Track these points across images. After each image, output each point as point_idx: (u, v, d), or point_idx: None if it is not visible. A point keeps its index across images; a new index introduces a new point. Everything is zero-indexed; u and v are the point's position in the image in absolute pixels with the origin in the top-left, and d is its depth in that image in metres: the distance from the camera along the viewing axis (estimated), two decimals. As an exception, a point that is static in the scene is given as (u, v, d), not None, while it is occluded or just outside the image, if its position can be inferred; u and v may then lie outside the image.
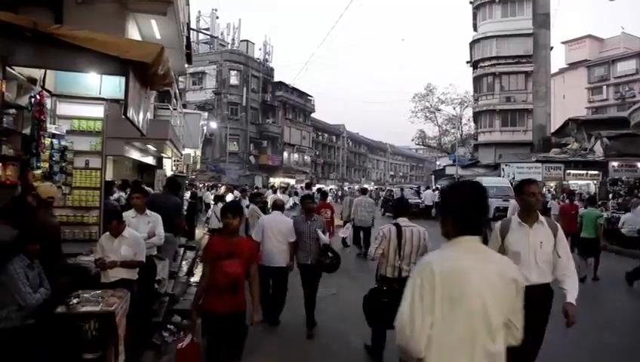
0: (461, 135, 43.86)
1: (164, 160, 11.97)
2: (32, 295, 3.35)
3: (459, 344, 1.64)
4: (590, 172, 22.80)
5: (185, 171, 14.58)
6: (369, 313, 4.27)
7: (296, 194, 14.18)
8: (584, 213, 8.59)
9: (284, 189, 18.09)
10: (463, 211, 1.81)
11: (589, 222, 8.18)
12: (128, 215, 4.86)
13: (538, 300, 3.04)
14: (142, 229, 4.81)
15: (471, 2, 36.22)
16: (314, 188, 17.96)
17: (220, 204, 10.85)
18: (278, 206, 5.91)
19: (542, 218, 3.25)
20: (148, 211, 5.07)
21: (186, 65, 12.52)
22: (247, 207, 8.83)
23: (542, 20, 32.78)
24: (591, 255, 8.48)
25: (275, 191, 15.51)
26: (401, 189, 24.21)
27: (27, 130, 4.62)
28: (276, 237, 5.43)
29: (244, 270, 3.41)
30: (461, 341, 1.64)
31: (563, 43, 47.11)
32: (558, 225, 3.36)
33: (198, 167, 18.79)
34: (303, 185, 19.45)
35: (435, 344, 1.65)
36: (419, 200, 23.17)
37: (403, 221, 4.30)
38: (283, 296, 5.65)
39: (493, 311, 1.66)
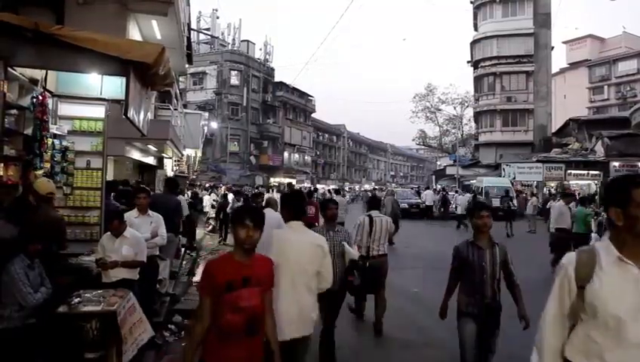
0: (462, 135, 43.83)
1: (164, 160, 11.96)
2: (33, 295, 3.37)
3: (288, 283, 2.84)
4: (591, 172, 22.81)
5: (186, 171, 14.60)
6: (347, 285, 4.56)
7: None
8: (575, 212, 9.73)
9: (278, 189, 18.71)
10: (291, 207, 3.16)
11: (579, 219, 9.31)
12: (131, 215, 4.87)
13: None
14: (145, 229, 4.83)
15: (472, 2, 36.25)
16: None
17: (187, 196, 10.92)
18: (269, 203, 6.42)
19: None
20: (150, 211, 5.08)
21: (187, 66, 12.54)
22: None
23: (543, 20, 32.76)
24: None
25: (272, 191, 16.11)
26: (382, 191, 25.40)
27: (29, 131, 4.64)
28: (266, 230, 5.75)
29: (262, 300, 2.43)
30: (289, 281, 2.84)
31: (564, 43, 47.12)
32: None
33: (197, 167, 18.78)
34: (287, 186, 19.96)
35: (275, 283, 2.65)
36: (419, 201, 23.15)
37: (375, 213, 5.52)
38: None
39: (306, 264, 2.92)
